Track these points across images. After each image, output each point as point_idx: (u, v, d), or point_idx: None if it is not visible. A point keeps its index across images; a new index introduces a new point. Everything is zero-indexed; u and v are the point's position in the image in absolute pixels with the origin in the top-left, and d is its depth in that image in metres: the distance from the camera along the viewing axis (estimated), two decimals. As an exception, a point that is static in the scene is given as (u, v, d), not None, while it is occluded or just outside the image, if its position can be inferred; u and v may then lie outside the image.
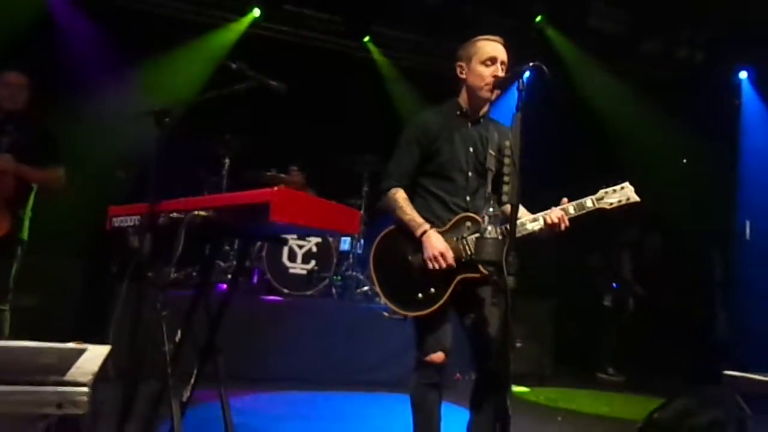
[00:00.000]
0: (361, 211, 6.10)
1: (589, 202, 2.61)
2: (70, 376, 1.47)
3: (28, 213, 3.90)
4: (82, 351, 1.86)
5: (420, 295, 2.59)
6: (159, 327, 2.52)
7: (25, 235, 3.88)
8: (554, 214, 2.57)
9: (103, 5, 6.36)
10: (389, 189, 2.73)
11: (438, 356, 2.60)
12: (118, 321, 2.59)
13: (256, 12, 6.99)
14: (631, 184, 2.65)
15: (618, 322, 7.02)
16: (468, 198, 2.71)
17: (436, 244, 2.56)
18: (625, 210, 2.67)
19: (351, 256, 6.12)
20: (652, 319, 7.09)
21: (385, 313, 2.68)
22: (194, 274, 5.24)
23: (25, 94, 3.85)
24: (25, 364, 1.64)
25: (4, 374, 1.45)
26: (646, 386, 6.08)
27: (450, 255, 2.55)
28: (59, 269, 5.29)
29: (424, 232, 2.60)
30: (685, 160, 7.43)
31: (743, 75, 7.38)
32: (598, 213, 2.64)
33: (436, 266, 2.55)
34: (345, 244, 6.27)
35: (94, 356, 1.79)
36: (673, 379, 6.08)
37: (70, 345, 2.00)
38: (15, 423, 1.47)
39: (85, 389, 1.42)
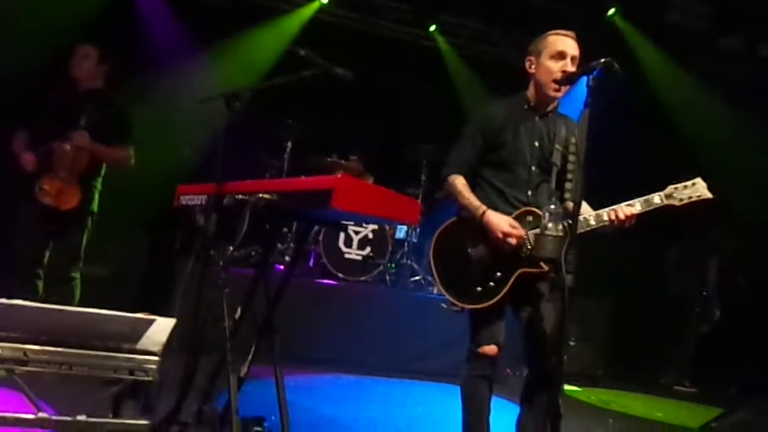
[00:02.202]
0: (419, 200, 6.10)
1: (656, 198, 2.53)
2: (141, 345, 1.56)
3: (99, 187, 4.09)
4: (151, 322, 1.96)
5: (479, 288, 2.60)
6: (220, 303, 2.62)
7: (96, 207, 4.07)
8: (620, 212, 2.51)
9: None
10: (448, 176, 2.75)
11: (491, 349, 2.61)
12: (183, 296, 2.69)
13: (325, -2, 7.05)
14: (708, 188, 2.55)
15: (699, 331, 6.65)
16: (530, 192, 2.69)
17: (498, 224, 2.57)
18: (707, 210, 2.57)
19: (406, 244, 6.15)
20: (729, 329, 6.72)
21: (444, 305, 2.69)
22: (253, 253, 5.37)
23: (90, 64, 3.97)
24: (101, 331, 1.74)
25: (82, 338, 1.55)
26: (708, 395, 5.89)
27: (515, 226, 2.56)
28: (127, 242, 5.52)
29: (483, 213, 2.60)
30: None
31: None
32: (668, 210, 2.56)
33: (510, 243, 2.54)
34: (401, 232, 6.29)
35: (162, 328, 1.89)
36: (734, 389, 5.86)
37: (140, 315, 2.10)
38: (89, 386, 1.57)
39: (155, 358, 1.50)
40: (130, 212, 5.58)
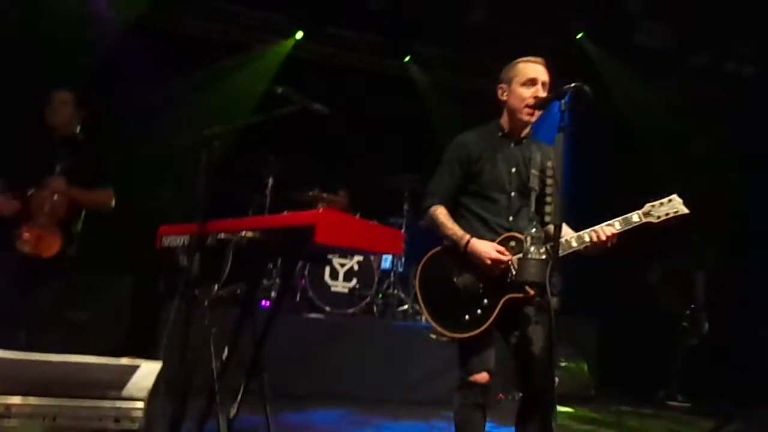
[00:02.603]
0: (403, 230, 6.12)
1: (635, 216, 2.55)
2: (126, 391, 1.54)
3: (79, 230, 4.05)
4: (135, 367, 1.93)
5: (467, 316, 2.60)
6: (207, 344, 2.60)
7: (75, 252, 4.02)
8: (601, 232, 2.53)
9: (154, 29, 6.59)
10: (429, 207, 2.77)
11: (482, 376, 2.60)
12: (168, 338, 2.67)
13: (299, 34, 7.14)
14: (684, 203, 2.58)
15: (689, 345, 6.64)
16: (511, 218, 2.71)
17: (484, 250, 2.58)
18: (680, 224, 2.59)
19: (392, 274, 6.14)
20: (719, 341, 6.75)
21: (432, 336, 2.69)
22: (239, 291, 5.34)
23: (68, 110, 3.97)
24: (85, 379, 1.71)
25: (66, 388, 1.52)
26: (702, 409, 5.87)
27: (502, 251, 2.57)
28: (109, 286, 5.46)
29: (468, 243, 2.62)
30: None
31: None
32: (647, 227, 2.58)
33: (500, 268, 2.55)
34: (386, 262, 6.29)
35: (147, 372, 1.86)
36: (727, 403, 5.86)
37: (124, 360, 2.07)
38: (75, 436, 1.54)
39: (140, 404, 1.48)
40: (112, 255, 5.53)
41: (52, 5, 5.97)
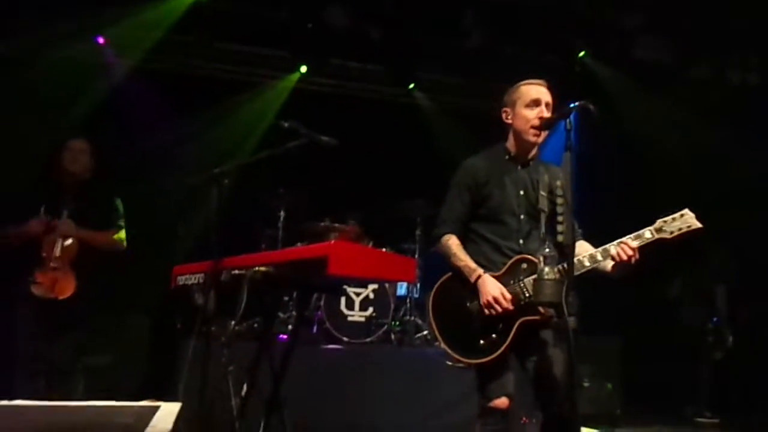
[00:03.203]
0: (416, 256, 6.10)
1: (647, 233, 2.52)
2: (147, 434, 1.54)
3: (93, 272, 4.08)
4: (155, 409, 1.93)
5: (482, 341, 2.58)
6: (225, 382, 2.60)
7: (91, 295, 4.05)
8: (621, 251, 2.48)
9: (159, 71, 6.71)
10: (442, 236, 2.77)
11: (502, 402, 2.56)
12: (187, 378, 2.67)
13: (303, 68, 7.24)
14: (697, 217, 2.55)
15: (714, 360, 6.54)
16: (521, 241, 2.71)
17: (490, 289, 2.56)
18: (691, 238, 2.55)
19: (408, 300, 6.11)
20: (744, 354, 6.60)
21: (448, 362, 2.67)
22: (255, 325, 5.34)
23: (86, 158, 4.10)
24: (105, 425, 1.71)
25: (87, 434, 1.53)
26: (731, 424, 5.74)
27: (507, 298, 2.55)
28: (127, 328, 5.48)
29: (479, 278, 2.61)
30: None
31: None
32: (660, 243, 2.53)
33: (493, 312, 2.54)
34: (402, 289, 6.27)
35: (167, 414, 1.86)
36: (757, 416, 5.74)
37: (144, 403, 2.07)
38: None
39: (161, 447, 1.48)
40: (127, 297, 5.56)
41: (64, 55, 6.10)
